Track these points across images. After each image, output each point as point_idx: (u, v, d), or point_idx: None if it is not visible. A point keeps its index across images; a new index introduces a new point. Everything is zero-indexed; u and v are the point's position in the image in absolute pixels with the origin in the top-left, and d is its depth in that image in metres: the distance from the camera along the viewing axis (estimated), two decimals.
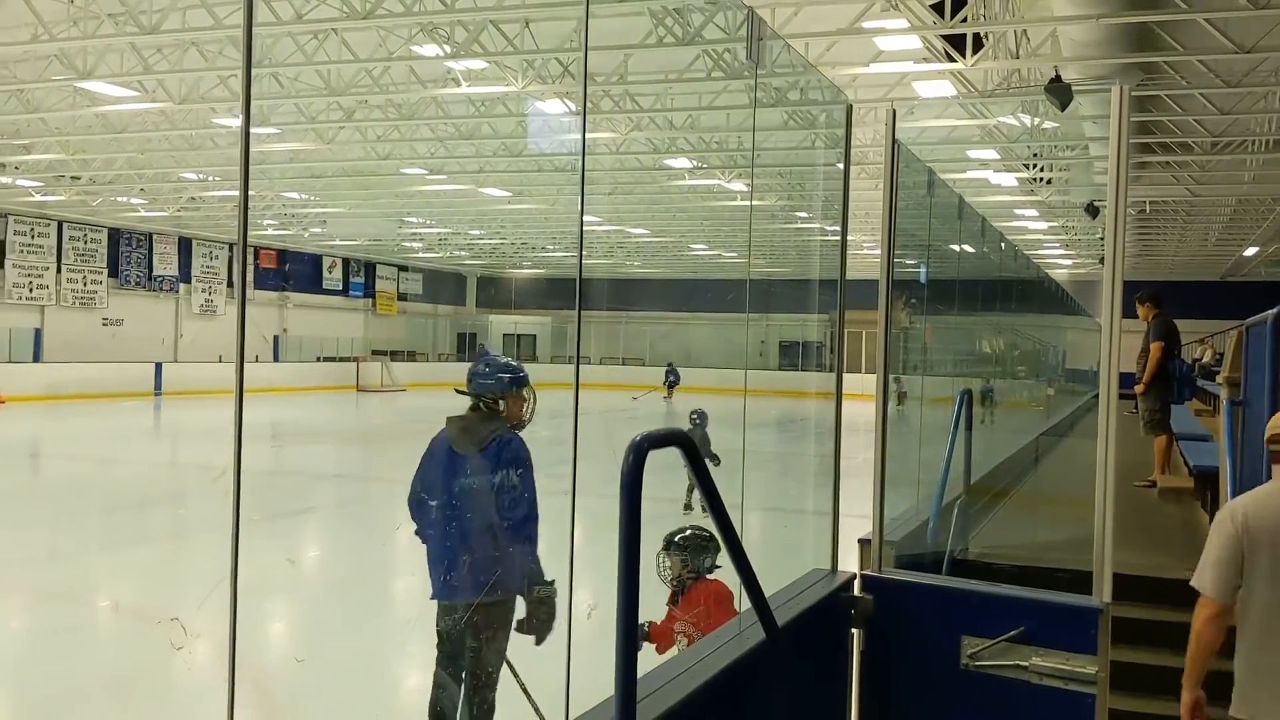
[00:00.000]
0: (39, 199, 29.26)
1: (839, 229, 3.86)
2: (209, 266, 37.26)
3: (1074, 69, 13.23)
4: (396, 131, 20.33)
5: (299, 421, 25.98)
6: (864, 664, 3.41)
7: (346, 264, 43.82)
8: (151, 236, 34.99)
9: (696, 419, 12.40)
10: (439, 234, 37.74)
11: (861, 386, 4.02)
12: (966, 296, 9.11)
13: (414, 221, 34.17)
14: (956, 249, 8.70)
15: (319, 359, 39.40)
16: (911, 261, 6.56)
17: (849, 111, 4.05)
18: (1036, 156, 20.46)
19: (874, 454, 3.68)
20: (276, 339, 39.22)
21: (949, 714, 3.31)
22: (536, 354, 44.75)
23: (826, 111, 17.18)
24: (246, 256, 33.98)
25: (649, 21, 13.30)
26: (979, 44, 12.64)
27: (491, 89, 16.46)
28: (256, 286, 38.36)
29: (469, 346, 45.36)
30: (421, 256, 45.16)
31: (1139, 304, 9.49)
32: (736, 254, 37.31)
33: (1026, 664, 3.11)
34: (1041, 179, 21.80)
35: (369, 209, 30.87)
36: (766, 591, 2.76)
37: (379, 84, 16.26)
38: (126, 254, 34.37)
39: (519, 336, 47.02)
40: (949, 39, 12.40)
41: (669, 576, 4.87)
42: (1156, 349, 9.18)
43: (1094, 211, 22.33)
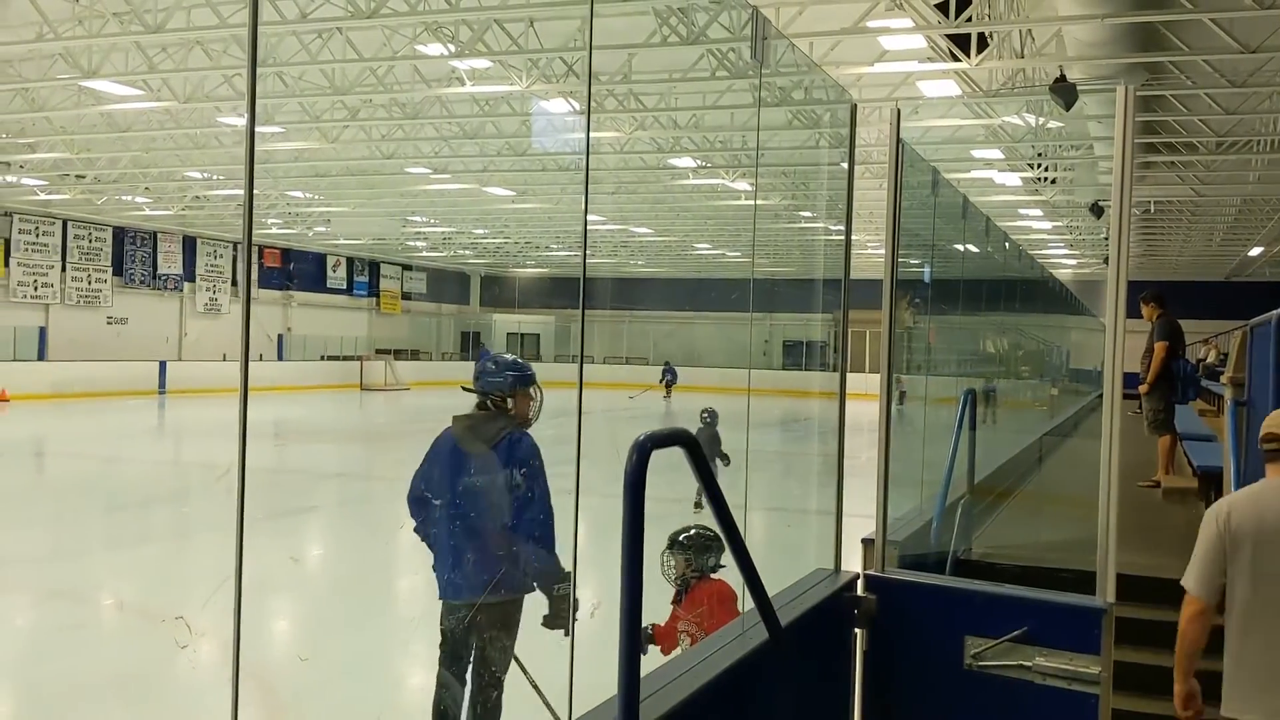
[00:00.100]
0: (44, 198, 29.32)
1: (843, 228, 3.86)
2: (213, 265, 37.31)
3: (1079, 69, 13.21)
4: (401, 130, 20.34)
5: (303, 420, 26.00)
6: (867, 664, 3.40)
7: (351, 263, 43.85)
8: (156, 235, 35.04)
9: (707, 417, 12.31)
10: (443, 233, 37.76)
11: (865, 386, 4.02)
12: (970, 296, 9.09)
13: (418, 220, 34.19)
14: (961, 249, 8.69)
15: (323, 358, 39.44)
16: (915, 261, 6.55)
17: (853, 111, 4.04)
18: (1041, 156, 20.42)
19: (877, 454, 3.68)
20: (281, 338, 39.25)
21: (952, 714, 3.30)
22: (540, 353, 44.73)
23: (831, 111, 17.18)
24: (252, 255, 33.92)
25: (653, 21, 13.30)
26: (984, 43, 12.62)
27: (496, 88, 16.46)
28: (261, 285, 38.39)
29: (473, 345, 45.43)
30: (425, 255, 45.18)
31: (1143, 304, 9.46)
32: (740, 253, 37.28)
33: (1030, 664, 3.11)
34: (1046, 179, 21.76)
35: (373, 208, 30.89)
36: (769, 591, 2.76)
37: (383, 83, 16.27)
38: (131, 252, 34.43)
39: (523, 336, 47.05)
40: (954, 38, 12.38)
41: (673, 576, 4.86)
42: (1161, 349, 9.16)
43: (1098, 211, 22.29)
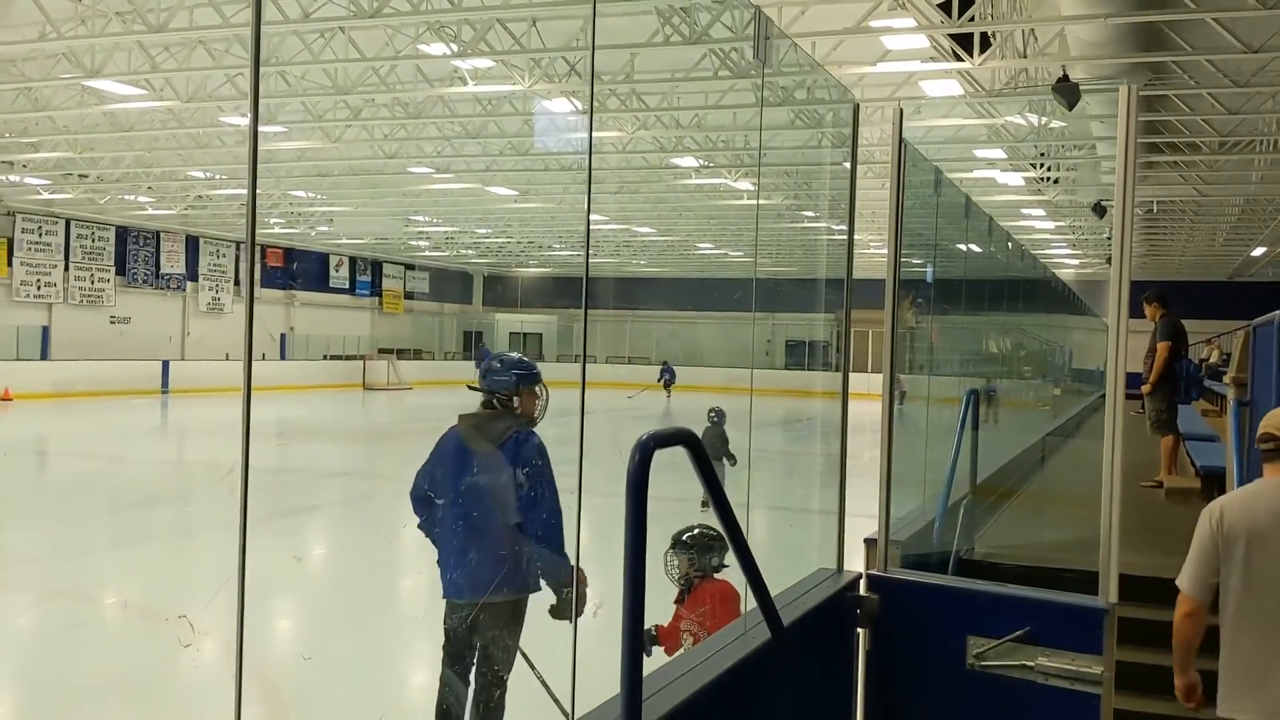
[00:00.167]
0: (47, 197, 29.35)
1: (845, 228, 3.86)
2: (216, 265, 37.34)
3: (1082, 68, 13.20)
4: (403, 130, 20.34)
5: (305, 419, 26.02)
6: (870, 664, 3.40)
7: (353, 262, 43.87)
8: (159, 234, 35.07)
9: (715, 417, 12.27)
10: (445, 232, 37.77)
11: (867, 386, 4.02)
12: (973, 296, 9.08)
13: (420, 220, 34.21)
14: (963, 248, 8.68)
15: (325, 357, 39.46)
16: (918, 261, 6.55)
17: (856, 110, 4.05)
18: (1044, 156, 20.42)
19: (880, 453, 3.68)
20: (283, 337, 39.28)
21: (955, 714, 3.30)
22: (543, 352, 44.74)
23: (833, 110, 17.18)
24: (255, 254, 34.01)
25: (656, 20, 13.30)
26: (986, 43, 12.62)
27: (498, 88, 16.47)
28: (264, 285, 38.41)
29: (475, 345, 45.41)
30: (428, 255, 45.19)
31: (1146, 304, 9.44)
32: (742, 253, 37.28)
33: (1032, 664, 3.11)
34: (1049, 178, 21.75)
35: (376, 207, 30.91)
36: (772, 591, 2.76)
37: (386, 83, 16.28)
38: (134, 252, 34.46)
39: (525, 335, 47.06)
40: (956, 38, 12.38)
41: (676, 575, 4.86)
42: (1164, 349, 9.15)
43: (1101, 211, 22.27)
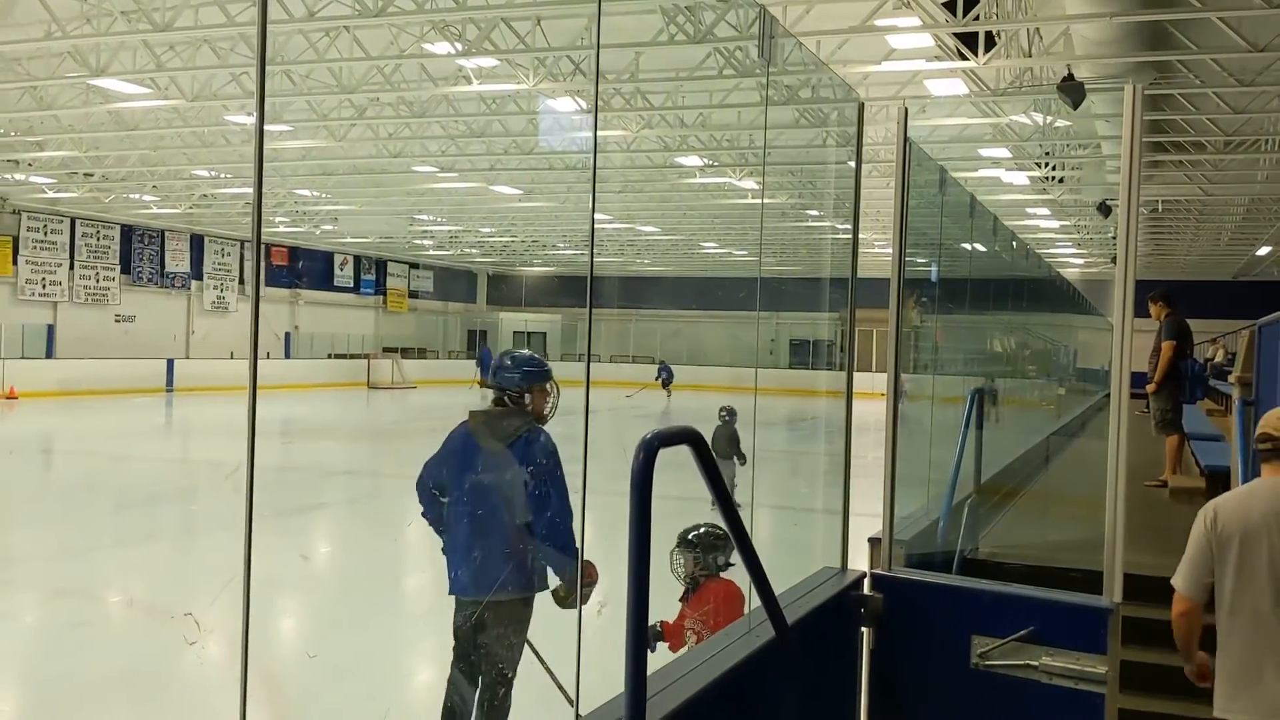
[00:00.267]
0: (52, 196, 29.41)
1: (850, 227, 3.86)
2: (221, 263, 37.39)
3: (1087, 67, 13.18)
4: (408, 129, 20.35)
5: (310, 418, 26.06)
6: (874, 663, 3.41)
7: (358, 261, 43.91)
8: (164, 233, 35.12)
9: (726, 416, 12.25)
10: (450, 231, 37.80)
11: (870, 385, 4.02)
12: (978, 295, 9.06)
13: (425, 219, 34.24)
14: (968, 247, 8.67)
15: (330, 356, 39.49)
16: (923, 260, 6.54)
17: (860, 109, 4.05)
18: (1049, 155, 20.40)
19: (884, 453, 3.68)
20: (288, 336, 39.33)
21: (959, 713, 3.31)
22: (547, 351, 44.75)
23: (838, 109, 17.17)
24: (261, 253, 34.12)
25: (660, 19, 13.30)
26: (991, 42, 12.60)
27: (503, 87, 16.47)
28: (268, 283, 38.45)
29: (480, 344, 45.43)
30: (432, 254, 45.23)
31: (1151, 303, 9.42)
32: (747, 252, 37.27)
33: (1036, 663, 3.11)
34: (1054, 178, 21.73)
35: (380, 206, 30.95)
36: (776, 590, 2.76)
37: (390, 81, 16.29)
38: (139, 251, 34.51)
39: (529, 334, 47.05)
40: (961, 37, 12.37)
41: (682, 574, 4.87)
42: (1168, 348, 9.13)
43: (1106, 210, 22.25)
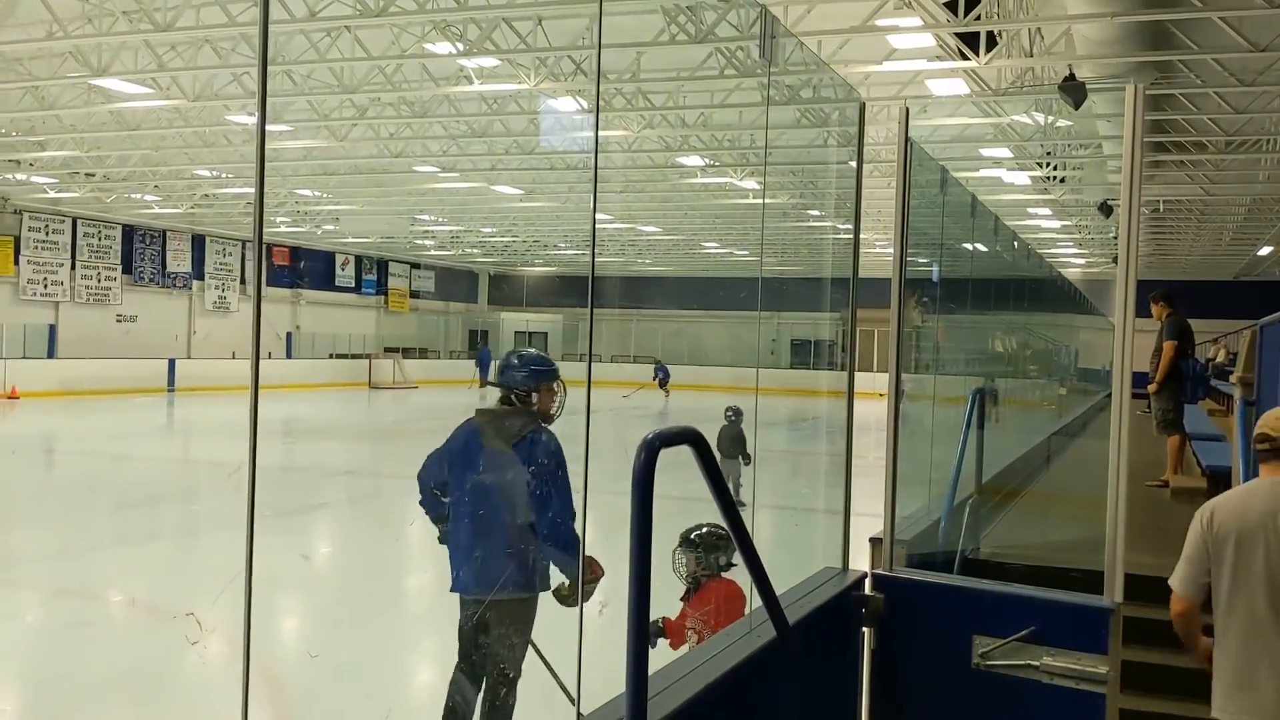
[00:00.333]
0: (54, 196, 29.43)
1: (851, 227, 3.86)
2: (222, 263, 37.41)
3: (1088, 67, 13.17)
4: (409, 129, 20.36)
5: (311, 418, 26.06)
6: (875, 663, 3.41)
7: (359, 261, 43.92)
8: (165, 233, 35.14)
9: (732, 415, 12.22)
10: (451, 231, 37.80)
11: (871, 385, 4.03)
12: (979, 295, 9.06)
13: (426, 219, 34.24)
14: (969, 247, 8.67)
15: (331, 356, 39.50)
16: (924, 260, 6.54)
17: (862, 109, 4.05)
18: (1050, 155, 20.39)
19: (885, 453, 3.68)
20: (289, 336, 39.35)
21: (960, 713, 3.31)
22: (548, 351, 44.60)
23: (839, 109, 17.17)
24: (262, 253, 34.06)
25: (662, 19, 13.30)
26: (992, 42, 12.60)
27: (504, 86, 16.47)
28: (270, 283, 38.47)
29: (480, 344, 45.43)
30: (434, 254, 45.24)
31: (1152, 303, 9.41)
32: (748, 252, 37.27)
33: (1037, 663, 3.11)
34: (1055, 178, 21.72)
35: (381, 206, 30.96)
36: (777, 590, 2.76)
37: (391, 81, 16.30)
38: (140, 250, 34.53)
39: (530, 334, 47.05)
40: (962, 37, 12.37)
41: (684, 574, 4.87)
42: (1170, 348, 9.12)
43: (1107, 210, 22.22)
